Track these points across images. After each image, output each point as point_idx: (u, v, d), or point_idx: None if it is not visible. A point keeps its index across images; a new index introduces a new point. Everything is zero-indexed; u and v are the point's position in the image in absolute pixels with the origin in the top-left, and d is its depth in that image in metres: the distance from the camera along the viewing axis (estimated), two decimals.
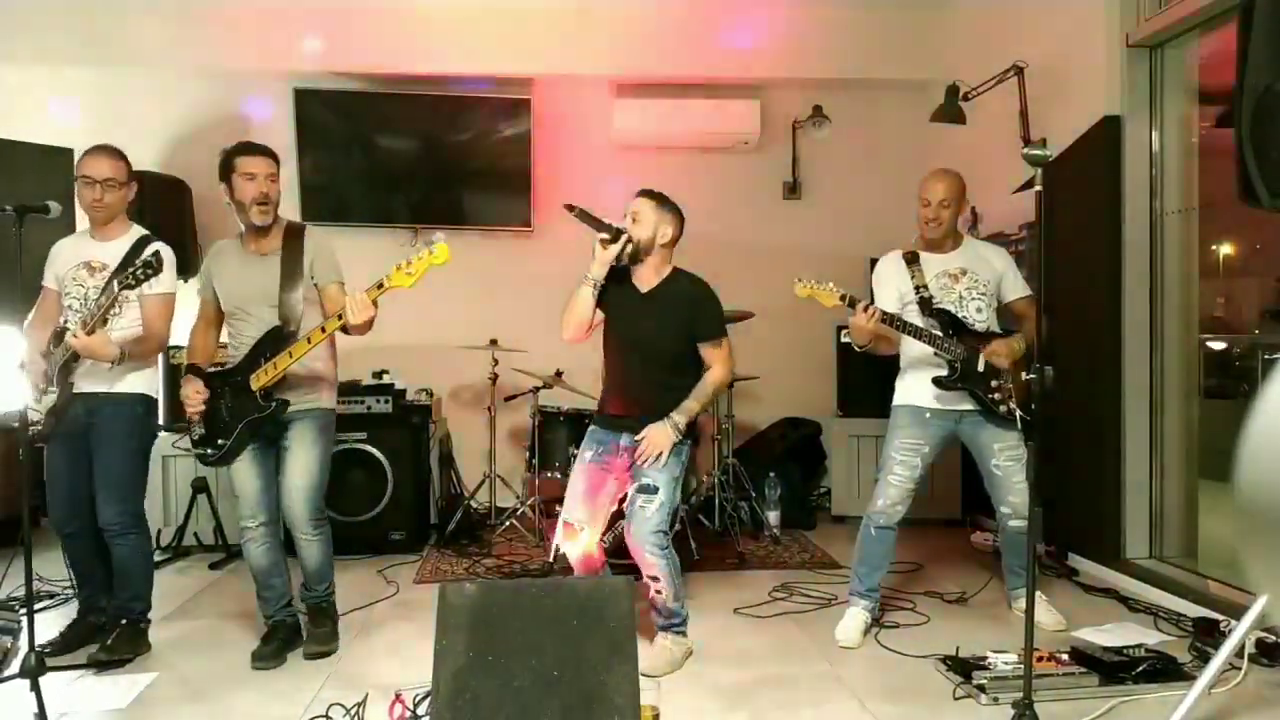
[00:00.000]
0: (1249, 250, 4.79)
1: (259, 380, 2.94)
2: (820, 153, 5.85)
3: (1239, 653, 2.70)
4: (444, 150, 5.58)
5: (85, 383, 3.08)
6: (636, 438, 3.05)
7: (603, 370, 3.31)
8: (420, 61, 5.42)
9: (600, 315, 3.17)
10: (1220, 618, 3.21)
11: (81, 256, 3.15)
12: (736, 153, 5.74)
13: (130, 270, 2.75)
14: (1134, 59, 4.03)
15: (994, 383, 3.24)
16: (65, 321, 3.08)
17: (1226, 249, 4.80)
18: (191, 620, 3.61)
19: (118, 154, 3.15)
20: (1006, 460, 3.30)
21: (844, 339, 5.17)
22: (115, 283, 2.81)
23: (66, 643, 3.19)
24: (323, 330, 2.89)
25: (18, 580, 2.98)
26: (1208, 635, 3.10)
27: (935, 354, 3.24)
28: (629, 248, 3.07)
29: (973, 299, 3.34)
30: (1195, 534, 4.00)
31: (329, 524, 3.19)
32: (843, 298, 3.04)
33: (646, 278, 3.16)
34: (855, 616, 3.33)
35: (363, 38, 5.36)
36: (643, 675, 3.04)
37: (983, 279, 3.37)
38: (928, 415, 3.32)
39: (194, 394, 3.02)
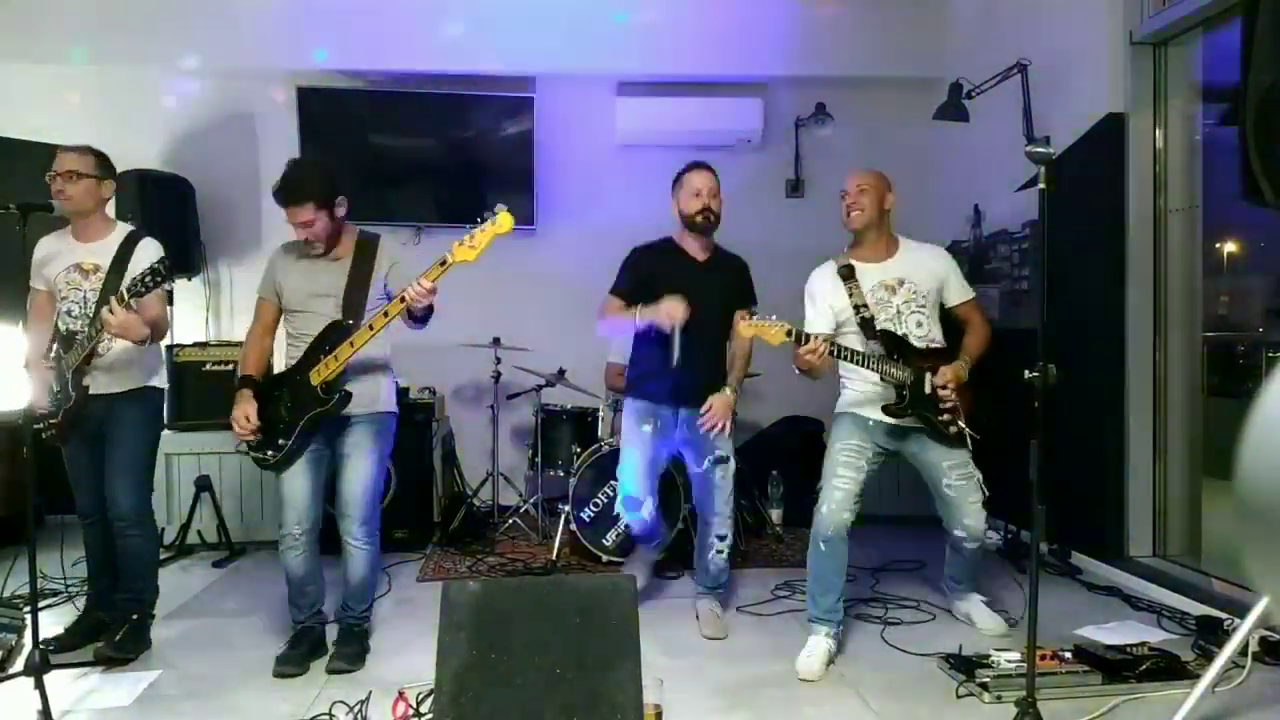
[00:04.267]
0: (1253, 248, 4.78)
1: (320, 374, 2.90)
2: (823, 151, 5.84)
3: (1242, 651, 2.70)
4: (447, 149, 5.58)
5: (100, 384, 3.07)
6: (702, 411, 3.27)
7: (633, 346, 3.46)
8: (423, 60, 5.41)
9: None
10: (1224, 616, 3.21)
11: (71, 259, 3.12)
12: (739, 151, 5.73)
13: (141, 279, 2.71)
14: (1138, 56, 4.03)
15: (941, 405, 3.10)
16: (65, 328, 3.06)
17: (1230, 247, 4.79)
18: (195, 618, 3.61)
19: (87, 150, 3.14)
20: (958, 480, 3.17)
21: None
22: (124, 292, 2.78)
23: (70, 640, 3.19)
24: (385, 315, 2.87)
25: (22, 578, 2.98)
26: (1211, 634, 3.11)
27: (881, 379, 3.10)
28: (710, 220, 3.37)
29: (911, 312, 3.17)
30: (1199, 532, 4.00)
31: (380, 533, 3.13)
32: (789, 333, 2.92)
33: (699, 248, 3.41)
34: (815, 646, 3.03)
35: (366, 37, 5.36)
36: (708, 640, 3.28)
37: (922, 288, 3.20)
38: (870, 423, 3.19)
39: (244, 420, 2.93)
